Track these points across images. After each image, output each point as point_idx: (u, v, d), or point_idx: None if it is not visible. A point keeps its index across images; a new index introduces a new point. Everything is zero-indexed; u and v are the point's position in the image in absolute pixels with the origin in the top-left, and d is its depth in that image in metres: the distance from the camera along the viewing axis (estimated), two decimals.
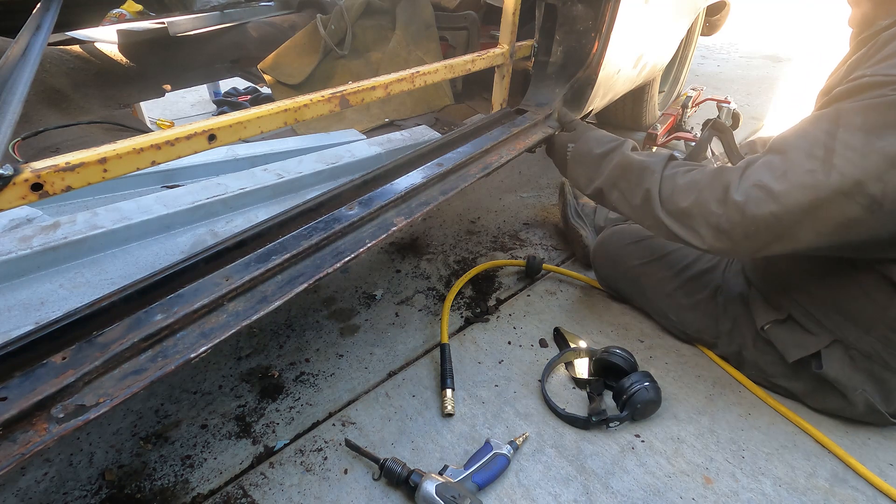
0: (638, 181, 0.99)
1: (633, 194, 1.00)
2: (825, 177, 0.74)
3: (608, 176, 1.06)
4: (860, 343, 0.92)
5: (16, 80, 0.69)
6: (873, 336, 0.91)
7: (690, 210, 0.89)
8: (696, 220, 0.88)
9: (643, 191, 0.97)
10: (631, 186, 1.01)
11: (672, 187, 0.94)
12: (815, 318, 0.97)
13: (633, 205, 1.01)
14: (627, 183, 1.02)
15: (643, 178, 0.98)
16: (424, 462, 0.94)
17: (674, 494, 0.89)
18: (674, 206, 0.92)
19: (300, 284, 0.75)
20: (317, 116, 0.89)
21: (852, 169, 0.73)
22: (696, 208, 0.88)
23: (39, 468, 0.93)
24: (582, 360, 1.14)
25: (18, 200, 0.58)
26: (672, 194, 0.93)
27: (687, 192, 0.91)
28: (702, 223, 0.87)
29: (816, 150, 0.76)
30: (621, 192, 1.04)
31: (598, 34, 1.30)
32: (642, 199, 0.98)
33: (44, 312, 0.77)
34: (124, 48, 1.70)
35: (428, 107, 1.81)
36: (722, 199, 0.84)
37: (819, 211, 0.76)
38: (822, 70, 3.49)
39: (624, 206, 1.04)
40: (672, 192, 0.93)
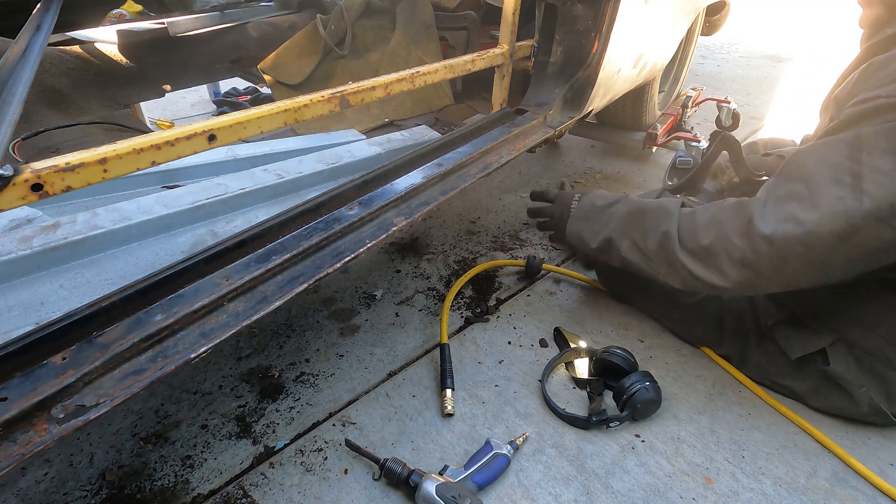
0: (654, 224, 0.95)
1: (648, 239, 0.96)
2: (857, 203, 0.73)
3: (618, 224, 1.02)
4: (864, 342, 0.92)
5: (16, 80, 0.69)
6: (878, 335, 0.91)
7: (713, 246, 0.85)
8: (720, 256, 0.85)
9: (660, 234, 0.93)
10: (644, 232, 0.97)
11: (692, 225, 0.90)
12: (820, 316, 0.97)
13: (648, 251, 0.96)
14: (640, 229, 0.98)
15: (659, 221, 0.95)
16: (424, 462, 0.94)
17: (674, 494, 0.89)
18: (695, 244, 0.88)
19: (300, 284, 0.75)
20: (317, 116, 0.89)
21: (884, 193, 0.72)
22: (719, 243, 0.84)
23: (39, 468, 0.93)
24: (582, 360, 1.14)
25: (18, 201, 0.58)
26: (693, 232, 0.89)
27: (708, 228, 0.87)
28: (725, 259, 0.84)
29: (843, 176, 0.75)
30: (633, 240, 0.99)
31: (598, 34, 1.30)
32: (658, 243, 0.93)
33: (44, 313, 0.77)
34: (124, 48, 1.70)
35: (428, 107, 1.81)
36: (745, 232, 0.82)
37: (853, 238, 0.74)
38: (822, 70, 3.49)
39: (635, 256, 0.99)
40: (692, 230, 0.89)
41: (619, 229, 1.02)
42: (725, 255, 0.84)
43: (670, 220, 0.93)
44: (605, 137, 2.20)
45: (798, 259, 0.78)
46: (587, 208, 1.11)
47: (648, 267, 0.98)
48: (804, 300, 0.98)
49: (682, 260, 0.90)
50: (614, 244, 1.03)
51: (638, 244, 0.98)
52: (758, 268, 0.81)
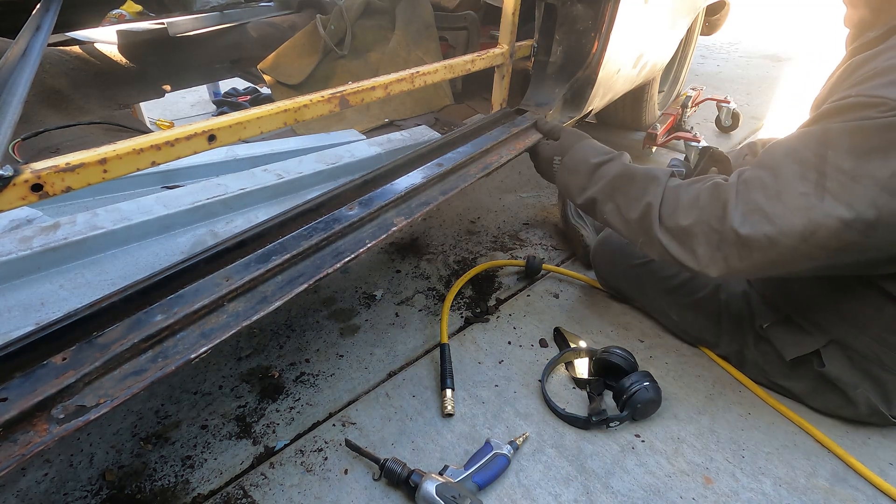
0: (639, 193, 0.95)
1: (631, 208, 0.95)
2: (818, 200, 0.74)
3: (605, 185, 1.01)
4: (856, 343, 0.92)
5: (16, 80, 0.69)
6: (869, 336, 0.91)
7: (692, 229, 0.86)
8: (697, 238, 0.85)
9: (643, 204, 0.93)
10: (630, 199, 0.96)
11: (674, 202, 0.90)
12: (812, 318, 0.97)
13: (628, 218, 0.96)
14: (626, 195, 0.97)
15: (646, 190, 0.94)
16: (424, 462, 0.94)
17: (674, 494, 0.89)
18: (674, 223, 0.89)
19: (300, 285, 0.75)
20: (317, 117, 0.89)
21: (845, 193, 0.72)
22: (698, 227, 0.85)
23: (40, 469, 0.93)
24: (582, 360, 1.14)
25: (18, 201, 0.58)
26: (674, 210, 0.89)
27: (689, 209, 0.87)
28: (701, 242, 0.85)
29: (808, 172, 0.75)
30: (617, 204, 0.99)
31: (598, 34, 1.30)
32: (640, 214, 0.93)
33: (44, 313, 0.77)
34: (124, 49, 1.70)
35: (428, 107, 1.81)
36: (721, 217, 0.82)
37: (814, 236, 0.75)
38: (822, 70, 3.49)
39: (616, 220, 1.00)
40: (675, 208, 0.90)
41: (606, 191, 1.01)
42: (703, 238, 0.84)
43: (655, 192, 0.93)
44: (605, 137, 2.19)
45: (761, 251, 0.79)
46: (579, 161, 1.09)
47: (628, 233, 0.98)
48: (797, 302, 0.99)
49: (659, 236, 0.90)
50: (598, 205, 1.03)
51: (621, 210, 0.98)
52: (727, 256, 0.82)
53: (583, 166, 1.07)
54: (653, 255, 0.95)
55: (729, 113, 2.38)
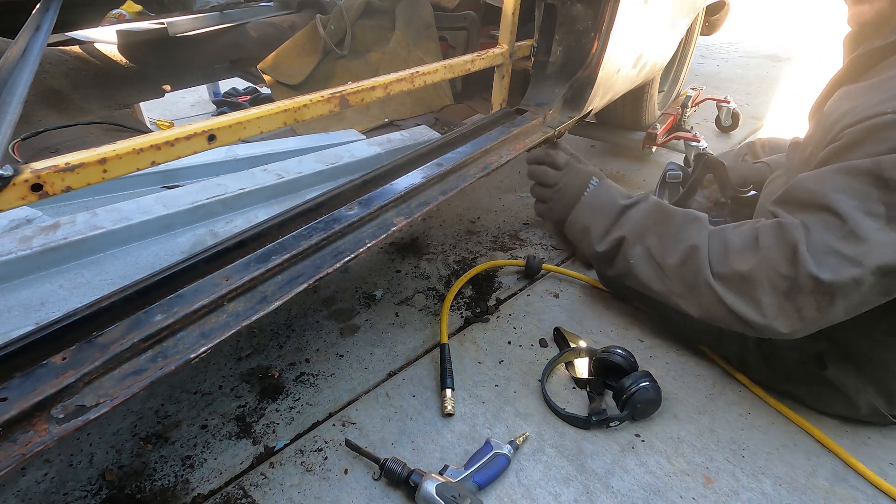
0: (679, 235, 0.82)
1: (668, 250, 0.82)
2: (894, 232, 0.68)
3: (636, 225, 0.88)
4: (859, 346, 0.92)
5: (16, 80, 0.69)
6: (872, 340, 0.90)
7: (752, 275, 0.74)
8: (760, 286, 0.73)
9: (686, 247, 0.80)
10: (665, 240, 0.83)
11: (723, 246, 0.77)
12: None
13: (665, 264, 0.83)
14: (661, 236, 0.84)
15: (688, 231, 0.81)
16: (425, 462, 0.94)
17: (674, 494, 0.89)
18: (728, 268, 0.76)
19: (300, 285, 0.75)
20: (317, 116, 0.89)
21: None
22: (762, 272, 0.73)
23: (39, 469, 0.93)
24: (582, 360, 1.14)
25: (18, 201, 0.58)
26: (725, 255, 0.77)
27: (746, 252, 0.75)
28: (767, 290, 0.73)
29: (873, 206, 0.69)
30: (648, 247, 0.85)
31: (598, 34, 1.30)
32: (682, 258, 0.80)
33: (44, 313, 0.77)
34: (124, 48, 1.70)
35: (428, 107, 1.81)
36: (791, 261, 0.71)
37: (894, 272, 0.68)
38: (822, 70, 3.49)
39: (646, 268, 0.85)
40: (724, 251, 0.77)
41: (636, 231, 0.88)
42: (768, 286, 0.73)
43: (700, 234, 0.80)
44: (605, 137, 2.20)
45: (845, 299, 0.70)
46: (605, 200, 0.94)
47: (660, 283, 0.86)
48: None
49: (711, 284, 0.77)
50: (624, 248, 0.89)
51: (654, 254, 0.85)
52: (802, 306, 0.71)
53: (610, 206, 0.94)
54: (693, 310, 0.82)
55: (729, 113, 2.38)
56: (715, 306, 0.79)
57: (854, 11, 0.88)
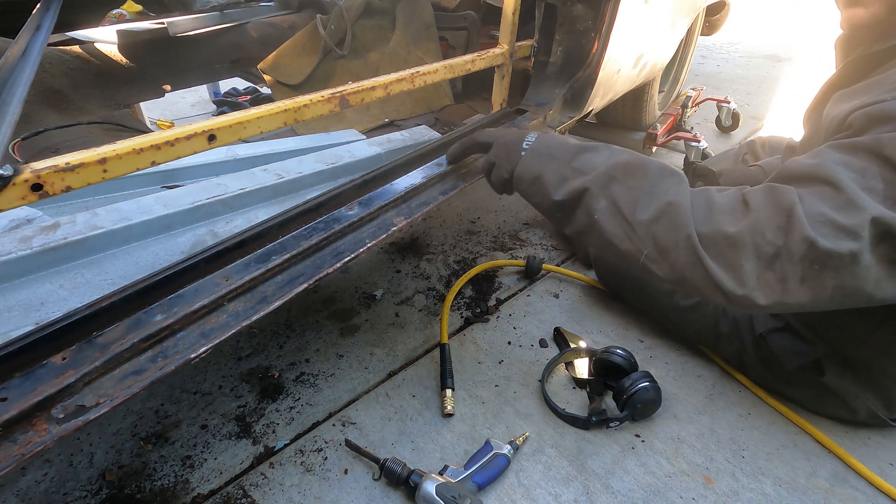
0: (655, 188, 0.72)
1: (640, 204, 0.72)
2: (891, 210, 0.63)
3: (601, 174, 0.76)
4: (858, 353, 0.91)
5: (16, 80, 0.69)
6: (870, 346, 0.90)
7: (740, 237, 0.67)
8: (745, 252, 0.66)
9: (662, 203, 0.71)
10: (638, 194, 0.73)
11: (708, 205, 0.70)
12: (812, 327, 0.96)
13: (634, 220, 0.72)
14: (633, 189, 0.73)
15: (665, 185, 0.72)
16: (425, 462, 0.94)
17: (674, 494, 0.89)
18: (712, 228, 0.68)
19: (300, 285, 0.75)
20: (317, 116, 0.89)
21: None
22: (749, 236, 0.66)
23: (39, 468, 0.93)
24: (582, 360, 1.14)
25: (18, 201, 0.58)
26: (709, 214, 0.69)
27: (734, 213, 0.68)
28: (750, 255, 0.66)
29: (872, 182, 0.65)
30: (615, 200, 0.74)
31: (598, 34, 1.30)
32: (657, 215, 0.70)
33: (44, 313, 0.77)
34: (124, 48, 1.70)
35: (428, 107, 1.81)
36: (784, 227, 0.65)
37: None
38: (822, 70, 3.49)
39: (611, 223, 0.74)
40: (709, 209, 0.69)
41: (601, 182, 0.75)
42: (753, 251, 0.66)
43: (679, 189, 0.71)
44: (605, 137, 2.20)
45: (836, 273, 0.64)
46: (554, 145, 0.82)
47: (628, 242, 0.73)
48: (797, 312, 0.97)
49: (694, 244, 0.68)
50: (586, 201, 0.76)
51: (621, 208, 0.73)
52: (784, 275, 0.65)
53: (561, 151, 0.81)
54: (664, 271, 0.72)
55: (729, 113, 2.38)
56: (691, 268, 0.69)
57: (847, 14, 0.85)
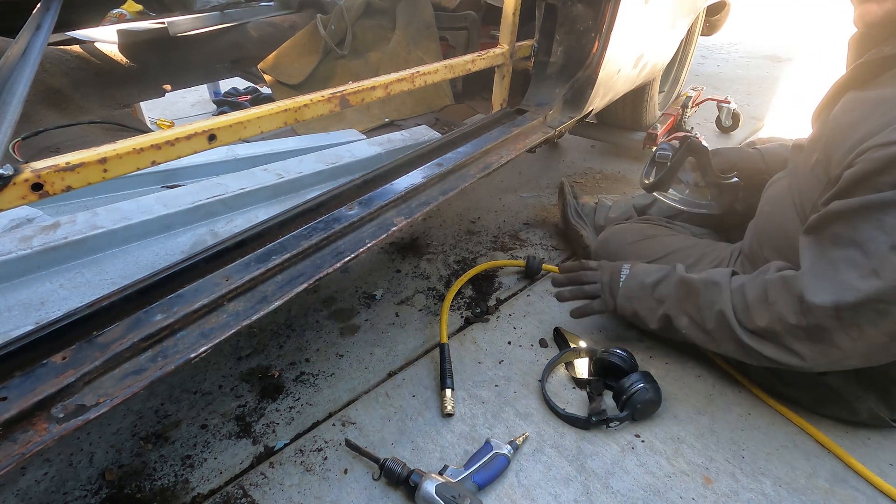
0: (707, 301, 0.90)
1: (705, 318, 0.91)
2: None
3: (672, 301, 0.97)
4: None
5: (16, 80, 0.69)
6: None
7: (771, 328, 0.81)
8: (783, 337, 0.80)
9: (715, 312, 0.88)
10: (699, 309, 0.92)
11: (743, 304, 0.84)
12: None
13: (708, 329, 0.91)
14: (695, 306, 0.93)
15: (712, 297, 0.89)
16: (424, 462, 0.94)
17: (674, 494, 0.89)
18: (752, 325, 0.83)
19: (300, 284, 0.75)
20: (317, 116, 0.89)
21: None
22: (777, 325, 0.80)
23: (39, 468, 0.93)
24: (582, 360, 1.14)
25: (18, 200, 0.58)
26: (746, 312, 0.84)
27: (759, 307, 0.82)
28: (790, 340, 0.80)
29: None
30: (690, 316, 0.94)
31: (599, 34, 1.30)
32: (717, 323, 0.88)
33: (44, 312, 0.77)
34: (124, 48, 1.70)
35: (428, 107, 1.81)
36: (800, 311, 0.77)
37: None
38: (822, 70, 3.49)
39: (696, 334, 0.94)
40: (745, 309, 0.84)
41: (674, 306, 0.97)
42: (789, 336, 0.80)
43: (722, 297, 0.87)
44: (605, 137, 2.20)
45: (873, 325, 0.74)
46: (636, 287, 1.05)
47: (715, 345, 0.94)
48: None
49: (747, 343, 0.85)
50: (674, 321, 0.99)
51: (696, 322, 0.93)
52: (833, 342, 0.76)
53: (642, 291, 1.04)
54: (751, 361, 0.90)
55: (729, 113, 2.38)
56: (761, 358, 0.85)
57: (861, 11, 0.85)
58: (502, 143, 1.19)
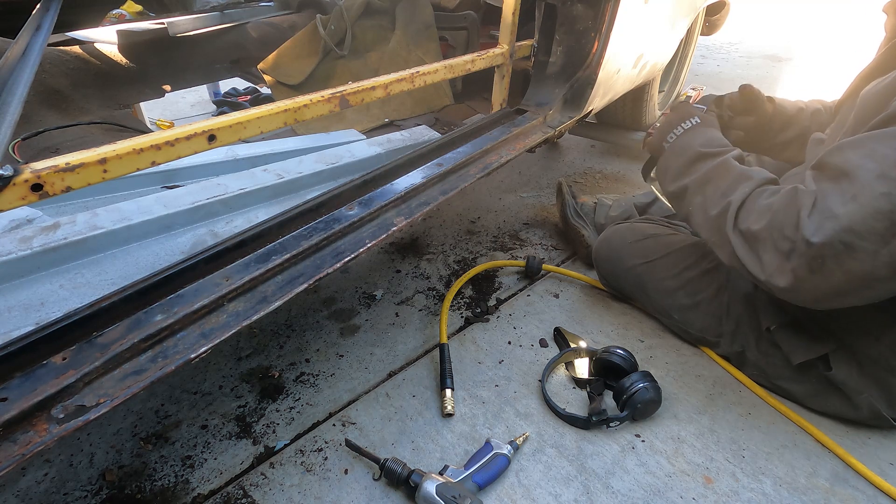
0: (727, 190, 0.88)
1: (714, 204, 0.89)
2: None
3: (702, 176, 0.93)
4: (869, 350, 0.91)
5: (16, 80, 0.69)
6: (883, 344, 0.90)
7: (760, 234, 0.80)
8: (764, 245, 0.79)
9: (724, 203, 0.87)
10: (717, 194, 0.89)
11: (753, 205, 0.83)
12: (823, 321, 0.95)
13: (709, 215, 0.90)
14: (715, 189, 0.90)
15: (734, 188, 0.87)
16: (425, 462, 0.94)
17: (674, 494, 0.89)
18: (746, 225, 0.83)
19: (300, 285, 0.75)
20: (317, 116, 0.89)
21: None
22: (768, 232, 0.79)
23: (40, 469, 0.93)
24: (582, 360, 1.14)
25: (18, 201, 0.58)
26: (749, 213, 0.83)
27: (763, 213, 0.81)
28: (769, 248, 0.78)
29: (890, 170, 0.69)
30: (704, 197, 0.91)
31: (598, 34, 1.30)
32: (719, 212, 0.87)
33: (44, 313, 0.77)
34: (124, 49, 1.70)
35: (428, 107, 1.81)
36: (794, 225, 0.75)
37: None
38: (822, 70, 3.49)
39: (699, 216, 0.92)
40: (751, 210, 0.83)
41: (699, 182, 0.93)
42: (771, 246, 0.78)
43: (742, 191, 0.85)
44: (605, 137, 2.20)
45: (837, 262, 0.71)
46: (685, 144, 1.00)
47: (706, 231, 0.92)
48: None
49: (730, 236, 0.84)
50: (687, 195, 0.95)
51: (706, 205, 0.90)
52: (795, 266, 0.75)
53: (688, 150, 0.99)
54: (723, 258, 0.89)
55: None
56: (732, 257, 0.85)
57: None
58: (502, 143, 1.19)
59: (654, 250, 1.22)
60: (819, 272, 0.73)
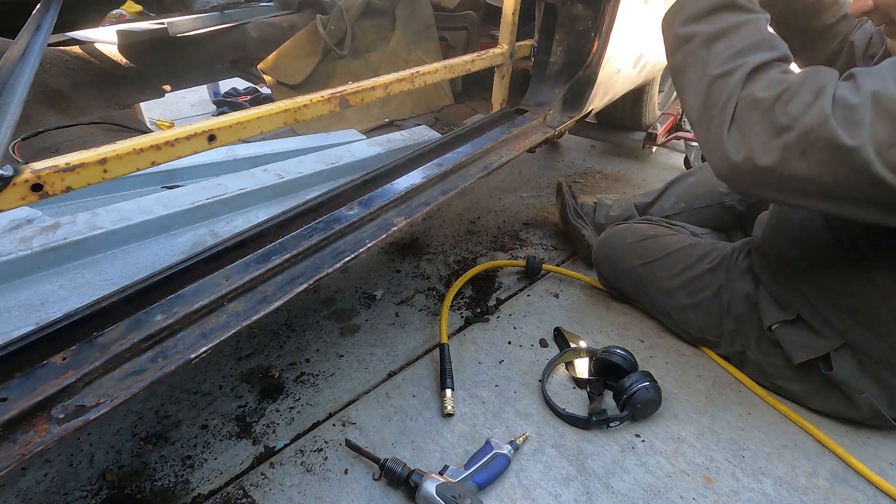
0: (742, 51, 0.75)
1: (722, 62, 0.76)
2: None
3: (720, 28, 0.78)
4: (871, 348, 0.91)
5: (16, 80, 0.69)
6: (886, 342, 0.90)
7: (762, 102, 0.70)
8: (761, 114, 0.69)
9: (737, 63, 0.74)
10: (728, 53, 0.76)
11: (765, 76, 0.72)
12: (826, 320, 0.95)
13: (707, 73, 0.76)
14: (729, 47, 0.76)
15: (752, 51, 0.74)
16: (425, 462, 0.94)
17: (674, 494, 0.89)
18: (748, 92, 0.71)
19: (300, 285, 0.75)
20: (317, 116, 0.89)
21: None
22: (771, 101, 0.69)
23: (40, 469, 0.93)
24: (582, 360, 1.14)
25: (18, 201, 0.58)
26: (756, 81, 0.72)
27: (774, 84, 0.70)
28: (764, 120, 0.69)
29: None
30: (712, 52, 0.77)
31: (598, 34, 1.30)
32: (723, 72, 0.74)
33: (44, 313, 0.77)
34: (124, 49, 1.70)
35: (428, 107, 1.81)
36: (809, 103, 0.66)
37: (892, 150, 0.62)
38: None
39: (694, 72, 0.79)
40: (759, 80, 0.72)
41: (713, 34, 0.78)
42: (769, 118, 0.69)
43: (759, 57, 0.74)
44: (605, 137, 2.20)
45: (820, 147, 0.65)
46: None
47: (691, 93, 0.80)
48: (811, 303, 0.97)
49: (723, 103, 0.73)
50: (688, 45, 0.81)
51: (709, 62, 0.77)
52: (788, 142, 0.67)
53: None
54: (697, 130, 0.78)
55: None
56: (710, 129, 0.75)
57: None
58: (502, 143, 1.19)
59: (653, 250, 1.22)
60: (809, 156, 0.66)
